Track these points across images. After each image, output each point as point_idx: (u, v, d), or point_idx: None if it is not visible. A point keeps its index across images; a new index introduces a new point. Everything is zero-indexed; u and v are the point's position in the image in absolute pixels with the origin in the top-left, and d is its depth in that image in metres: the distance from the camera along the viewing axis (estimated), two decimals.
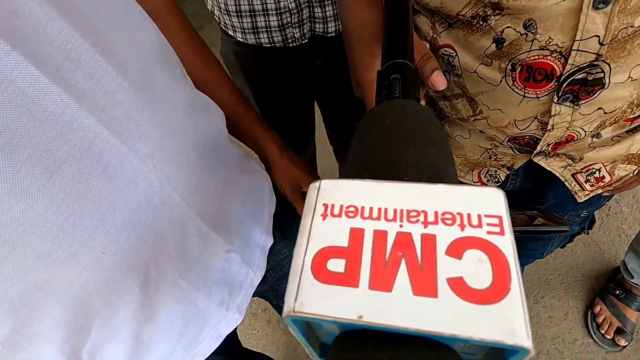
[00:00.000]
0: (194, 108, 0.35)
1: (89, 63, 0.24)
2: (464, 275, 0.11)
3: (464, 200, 0.13)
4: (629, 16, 0.28)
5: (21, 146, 0.20)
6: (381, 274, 0.12)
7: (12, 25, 0.20)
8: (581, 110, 0.35)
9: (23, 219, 0.20)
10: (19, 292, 0.22)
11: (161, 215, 0.28)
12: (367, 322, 0.11)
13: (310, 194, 0.14)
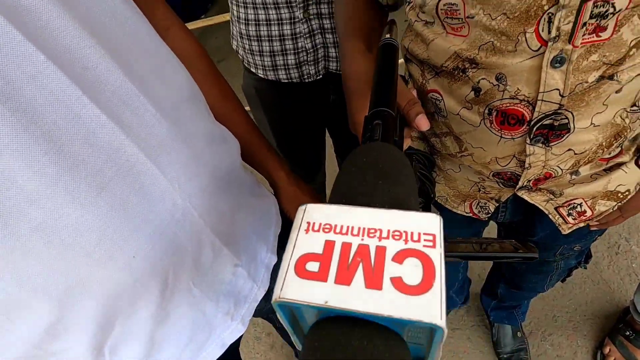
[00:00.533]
0: (213, 139, 0.41)
1: (135, 103, 0.30)
2: (402, 275, 0.16)
3: (410, 222, 0.18)
4: (582, 74, 0.33)
5: (81, 167, 0.25)
6: (344, 273, 0.16)
7: (83, 76, 0.26)
8: (553, 151, 0.40)
9: (77, 225, 0.25)
10: (65, 286, 0.26)
11: (182, 229, 0.34)
12: (331, 306, 0.15)
13: (298, 214, 0.19)
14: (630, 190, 0.48)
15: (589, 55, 0.32)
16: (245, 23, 0.82)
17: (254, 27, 0.80)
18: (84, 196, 0.25)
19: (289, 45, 0.79)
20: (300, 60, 0.81)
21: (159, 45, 0.36)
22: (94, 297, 0.29)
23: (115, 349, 0.34)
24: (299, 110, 0.91)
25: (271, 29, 0.78)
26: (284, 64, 0.82)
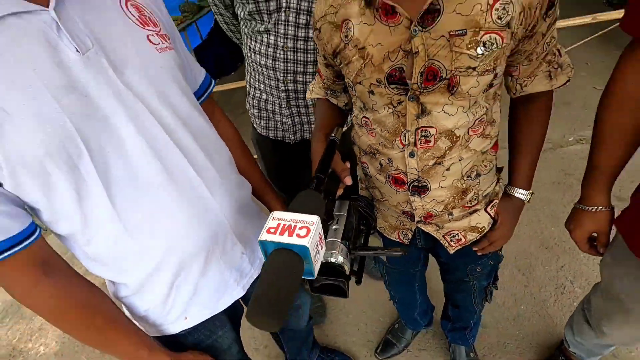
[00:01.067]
0: (237, 182, 0.75)
1: (203, 163, 0.64)
2: (299, 233, 0.48)
3: (308, 218, 0.50)
4: (425, 161, 0.66)
5: (174, 185, 0.59)
6: (282, 231, 0.49)
7: (181, 147, 0.61)
8: (425, 200, 0.72)
9: (172, 217, 0.59)
10: (162, 251, 0.60)
11: (219, 228, 0.67)
12: (277, 241, 0.48)
13: (271, 214, 0.52)
14: (485, 227, 0.78)
15: (426, 152, 0.66)
16: (252, 95, 1.21)
17: (257, 100, 1.20)
18: (175, 204, 0.60)
19: (277, 118, 1.17)
20: (284, 128, 1.18)
21: (214, 132, 0.72)
22: (175, 256, 0.62)
23: (179, 287, 0.66)
24: (285, 160, 1.27)
25: (267, 105, 1.17)
26: (274, 126, 1.20)
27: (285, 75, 1.06)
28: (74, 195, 0.51)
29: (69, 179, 0.49)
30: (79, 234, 0.55)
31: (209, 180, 0.65)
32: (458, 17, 0.55)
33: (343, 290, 0.63)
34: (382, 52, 0.60)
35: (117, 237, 0.56)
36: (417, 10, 0.55)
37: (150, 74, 0.56)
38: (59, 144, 0.47)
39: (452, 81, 0.58)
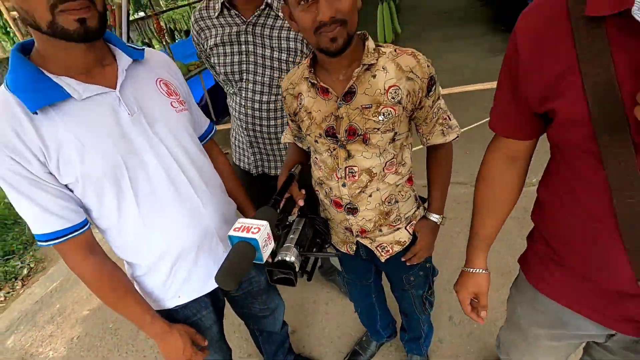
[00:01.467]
0: (224, 201, 1.04)
1: (200, 186, 0.94)
2: (254, 231, 0.76)
3: (260, 223, 0.78)
4: (353, 190, 0.94)
5: (179, 200, 0.88)
6: (244, 230, 0.77)
7: (187, 174, 0.90)
8: (357, 218, 0.99)
9: (175, 221, 0.88)
10: (166, 243, 0.87)
11: (206, 230, 0.94)
12: (240, 236, 0.76)
13: (237, 221, 0.80)
14: (406, 241, 1.05)
15: (353, 184, 0.94)
16: (231, 134, 1.56)
17: (233, 138, 1.55)
18: (181, 213, 0.88)
19: (244, 154, 1.50)
20: (249, 163, 1.49)
21: (211, 165, 1.02)
22: (177, 247, 0.90)
23: (176, 272, 0.93)
24: (250, 186, 1.54)
25: (239, 143, 1.51)
26: (242, 161, 1.52)
27: (247, 125, 1.40)
28: (115, 202, 0.80)
29: (113, 191, 0.78)
30: (114, 228, 0.84)
31: (203, 199, 0.94)
32: (367, 97, 0.85)
33: (292, 280, 0.90)
34: (321, 115, 0.90)
35: (138, 231, 0.85)
36: (342, 91, 0.86)
37: (171, 127, 0.87)
38: (112, 169, 0.77)
39: (365, 136, 0.88)
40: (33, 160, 0.70)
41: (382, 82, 0.85)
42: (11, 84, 0.70)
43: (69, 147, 0.73)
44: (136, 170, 0.81)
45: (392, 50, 0.87)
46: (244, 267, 0.74)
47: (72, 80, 0.73)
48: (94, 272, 0.82)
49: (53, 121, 0.72)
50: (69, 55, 0.72)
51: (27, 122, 0.69)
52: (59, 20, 0.63)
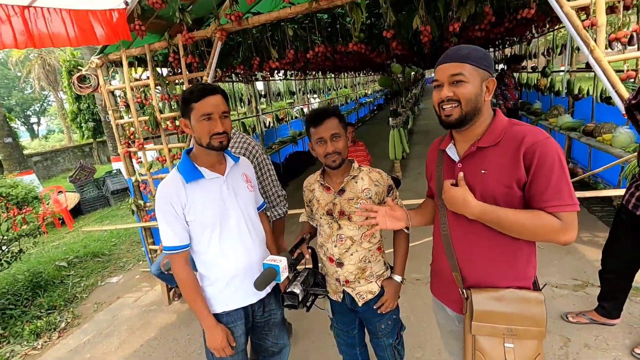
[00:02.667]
0: (263, 247, 1.61)
1: (254, 235, 1.53)
2: (276, 260, 1.32)
3: (281, 258, 1.34)
4: (341, 250, 1.50)
5: (242, 242, 1.47)
6: (273, 261, 1.32)
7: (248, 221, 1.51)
8: (343, 270, 1.51)
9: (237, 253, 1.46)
10: (228, 266, 1.44)
11: (251, 261, 1.50)
12: (267, 262, 1.32)
13: (268, 256, 1.36)
14: (376, 292, 1.53)
15: (341, 246, 1.50)
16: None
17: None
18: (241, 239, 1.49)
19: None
20: None
21: (261, 225, 1.63)
22: (233, 270, 1.46)
23: (229, 286, 1.48)
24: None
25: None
26: None
27: None
28: (208, 235, 1.40)
29: (209, 229, 1.40)
30: (202, 251, 1.43)
31: (255, 242, 1.52)
32: (351, 193, 1.49)
33: (296, 305, 1.40)
34: (324, 202, 1.53)
35: (215, 254, 1.43)
36: (337, 189, 1.51)
37: (245, 199, 1.52)
38: (212, 218, 1.40)
39: (349, 216, 1.48)
40: (178, 206, 1.35)
41: (360, 185, 1.49)
42: (180, 167, 1.41)
43: (196, 202, 1.38)
44: (224, 220, 1.44)
45: (367, 169, 1.54)
46: (268, 280, 1.28)
47: (206, 169, 1.43)
48: (187, 275, 1.39)
49: (194, 189, 1.39)
50: (208, 157, 1.44)
51: (182, 188, 1.37)
52: (212, 142, 1.36)
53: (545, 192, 1.02)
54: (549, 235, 1.03)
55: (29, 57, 21.92)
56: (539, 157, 1.02)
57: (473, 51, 1.09)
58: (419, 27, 2.79)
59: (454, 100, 1.08)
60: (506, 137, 1.09)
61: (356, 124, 14.39)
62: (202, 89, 1.35)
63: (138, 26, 2.93)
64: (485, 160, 1.11)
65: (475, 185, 1.11)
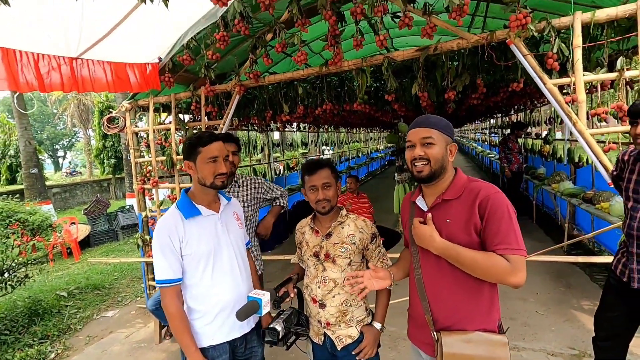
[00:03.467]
0: (250, 282, 1.69)
1: (243, 269, 1.63)
2: (260, 294, 1.41)
3: (264, 292, 1.44)
4: (324, 291, 1.57)
5: (232, 275, 1.56)
6: (257, 295, 1.42)
7: (238, 255, 1.62)
8: (325, 312, 1.57)
9: (225, 286, 1.55)
10: (217, 300, 1.51)
11: (239, 294, 1.57)
12: (251, 295, 1.41)
13: (253, 290, 1.46)
14: (355, 337, 1.57)
15: (324, 287, 1.58)
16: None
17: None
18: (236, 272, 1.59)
19: None
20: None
21: (247, 261, 1.73)
22: (221, 304, 1.54)
23: (216, 320, 1.55)
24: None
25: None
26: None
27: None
28: (201, 269, 1.51)
29: (203, 263, 1.51)
30: (194, 284, 1.52)
31: (243, 276, 1.62)
32: (337, 237, 1.60)
33: (275, 342, 1.46)
34: (312, 244, 1.64)
35: (206, 287, 1.52)
36: (325, 233, 1.63)
37: (236, 236, 1.65)
38: (207, 252, 1.52)
39: (334, 259, 1.58)
40: (176, 241, 1.48)
41: (346, 231, 1.61)
42: (179, 204, 1.56)
43: (193, 237, 1.51)
44: (217, 254, 1.55)
45: (354, 217, 1.67)
46: (250, 312, 1.37)
47: (203, 207, 1.58)
48: (177, 309, 1.47)
49: (191, 224, 1.53)
50: (206, 196, 1.59)
51: (181, 223, 1.50)
52: (215, 181, 1.53)
53: (496, 237, 1.18)
54: (500, 275, 1.17)
55: (67, 97, 23.73)
56: (490, 207, 1.19)
57: (439, 120, 1.31)
58: (418, 92, 3.07)
59: (425, 158, 1.27)
60: (466, 192, 1.27)
61: (366, 178, 14.68)
62: (209, 136, 1.55)
63: (167, 78, 3.31)
64: (450, 210, 1.27)
65: (442, 231, 1.26)
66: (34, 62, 2.32)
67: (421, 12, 2.59)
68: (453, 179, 1.32)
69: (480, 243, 1.22)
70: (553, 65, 2.47)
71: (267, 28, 3.07)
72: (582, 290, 3.68)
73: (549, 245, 5.12)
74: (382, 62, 2.94)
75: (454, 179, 1.32)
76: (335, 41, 2.90)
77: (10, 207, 5.23)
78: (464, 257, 1.19)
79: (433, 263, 1.30)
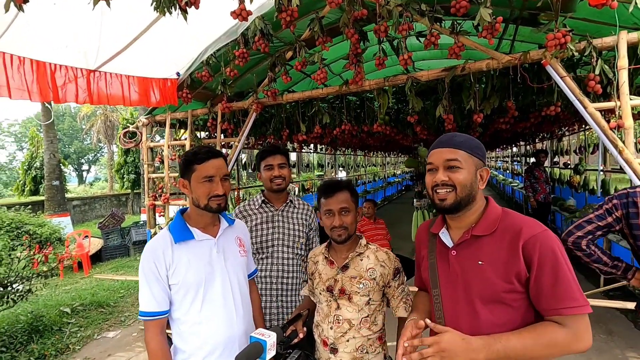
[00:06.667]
0: (248, 320, 1.49)
1: (239, 305, 1.43)
2: (265, 336, 1.21)
3: (270, 333, 1.23)
4: (337, 333, 1.36)
5: (226, 311, 1.37)
6: (262, 335, 1.22)
7: (235, 287, 1.43)
8: (337, 357, 1.35)
9: (218, 324, 1.35)
10: (207, 338, 1.32)
11: (233, 335, 1.37)
12: (254, 336, 1.21)
13: (257, 330, 1.26)
14: None
15: (337, 328, 1.37)
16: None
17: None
18: (233, 302, 1.38)
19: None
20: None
21: (248, 295, 1.54)
22: (213, 343, 1.34)
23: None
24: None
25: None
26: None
27: (275, 279, 1.96)
28: (190, 300, 1.32)
29: (192, 294, 1.32)
30: (180, 319, 1.33)
31: (239, 313, 1.41)
32: (355, 271, 1.40)
33: None
34: (326, 277, 1.45)
35: (193, 324, 1.32)
36: (341, 264, 1.43)
37: (235, 265, 1.46)
38: (198, 281, 1.33)
39: (350, 296, 1.37)
40: (162, 267, 1.30)
41: (365, 264, 1.41)
42: (171, 226, 1.39)
43: (182, 263, 1.33)
44: (209, 284, 1.36)
45: (375, 248, 1.47)
46: (252, 357, 1.16)
47: (197, 230, 1.40)
48: (160, 347, 1.27)
49: (181, 249, 1.35)
50: (202, 218, 1.42)
51: (170, 247, 1.33)
52: (210, 204, 1.36)
53: (554, 292, 0.94)
54: (565, 350, 0.93)
55: (95, 113, 24.75)
56: (540, 252, 0.95)
57: (468, 139, 1.09)
58: (442, 115, 2.90)
59: (449, 185, 1.05)
60: (501, 227, 1.04)
61: (382, 202, 14.36)
62: (207, 152, 1.37)
63: (185, 94, 3.26)
64: (481, 250, 1.04)
65: (473, 277, 1.03)
66: (51, 72, 2.29)
67: (448, 31, 2.46)
68: (484, 210, 1.09)
69: (524, 293, 0.99)
70: (595, 88, 2.27)
71: (288, 47, 3.00)
72: (626, 338, 3.28)
73: (582, 282, 4.70)
74: (405, 82, 2.81)
75: (485, 210, 1.09)
76: (356, 60, 2.79)
77: (20, 218, 5.23)
78: (512, 351, 0.92)
79: (464, 312, 1.05)
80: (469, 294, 1.05)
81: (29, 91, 2.16)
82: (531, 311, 1.02)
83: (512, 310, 1.01)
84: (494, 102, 2.93)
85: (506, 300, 1.00)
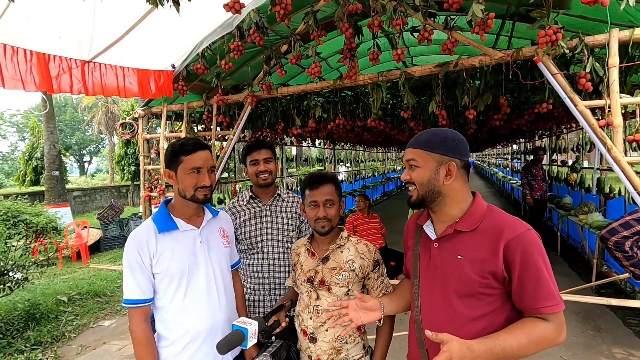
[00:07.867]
0: (232, 309, 1.52)
1: (222, 294, 1.46)
2: (246, 324, 1.24)
3: (252, 322, 1.27)
4: (316, 322, 1.39)
5: (208, 299, 1.41)
6: (243, 324, 1.25)
7: (219, 278, 1.46)
8: (316, 347, 1.38)
9: (200, 312, 1.38)
10: (189, 327, 1.35)
11: (215, 323, 1.41)
12: (236, 324, 1.25)
13: (239, 318, 1.30)
14: None
15: (317, 318, 1.40)
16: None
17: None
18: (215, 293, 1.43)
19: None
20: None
21: (232, 284, 1.57)
22: (194, 332, 1.37)
23: (186, 350, 1.37)
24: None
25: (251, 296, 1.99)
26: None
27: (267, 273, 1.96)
28: (173, 289, 1.35)
29: (176, 283, 1.35)
30: (164, 307, 1.36)
31: (222, 302, 1.45)
32: (335, 262, 1.43)
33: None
34: (307, 268, 1.48)
35: (176, 312, 1.35)
36: (322, 256, 1.46)
37: (219, 255, 1.49)
38: (181, 270, 1.36)
39: (329, 287, 1.40)
40: (146, 257, 1.33)
41: (345, 256, 1.44)
42: (155, 217, 1.42)
43: (166, 253, 1.36)
44: (193, 274, 1.39)
45: (356, 240, 1.50)
46: (233, 344, 1.20)
47: (181, 221, 1.43)
48: (143, 334, 1.31)
49: (165, 239, 1.38)
50: (186, 209, 1.45)
51: (154, 237, 1.36)
52: (196, 194, 1.38)
53: (537, 293, 0.97)
54: (550, 344, 0.98)
55: (97, 104, 24.75)
56: (522, 253, 0.98)
57: (431, 137, 1.11)
58: (435, 110, 2.91)
59: (411, 182, 1.13)
60: (484, 224, 1.06)
61: (381, 197, 14.39)
62: (194, 143, 1.39)
63: (181, 86, 3.27)
64: (462, 244, 1.07)
65: (452, 271, 1.06)
66: (45, 62, 2.30)
67: (442, 26, 2.46)
68: (470, 206, 1.11)
69: (500, 289, 1.02)
70: (585, 86, 2.28)
71: (283, 41, 3.01)
72: (613, 335, 3.31)
73: (575, 279, 4.74)
74: (399, 77, 2.81)
75: (470, 206, 1.11)
76: (351, 54, 2.80)
77: (17, 207, 5.28)
78: (509, 350, 0.95)
79: (439, 303, 1.09)
80: (445, 287, 1.08)
81: (22, 81, 2.18)
82: (506, 306, 1.05)
83: (486, 305, 1.04)
84: (487, 98, 2.94)
85: (481, 295, 1.04)
